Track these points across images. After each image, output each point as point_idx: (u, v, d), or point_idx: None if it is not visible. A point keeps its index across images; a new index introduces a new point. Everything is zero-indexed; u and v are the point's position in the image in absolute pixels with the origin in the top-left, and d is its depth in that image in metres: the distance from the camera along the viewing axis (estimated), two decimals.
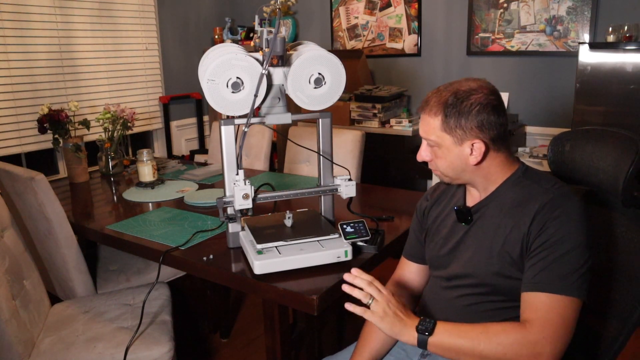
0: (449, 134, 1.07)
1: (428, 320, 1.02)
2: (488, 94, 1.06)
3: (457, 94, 1.06)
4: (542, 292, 0.98)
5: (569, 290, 0.97)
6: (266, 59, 1.30)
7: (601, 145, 1.17)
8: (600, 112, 2.35)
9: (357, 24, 3.59)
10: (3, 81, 2.70)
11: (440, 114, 1.07)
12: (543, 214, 1.02)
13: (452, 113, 1.06)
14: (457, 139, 1.07)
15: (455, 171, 1.12)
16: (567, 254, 0.98)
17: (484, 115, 1.05)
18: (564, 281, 0.97)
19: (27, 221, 1.88)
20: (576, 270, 0.97)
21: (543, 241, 1.00)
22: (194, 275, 1.79)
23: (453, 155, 1.09)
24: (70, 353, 1.50)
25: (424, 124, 1.11)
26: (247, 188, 1.35)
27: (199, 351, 2.29)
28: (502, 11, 2.98)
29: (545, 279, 0.98)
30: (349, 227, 1.38)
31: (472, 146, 1.07)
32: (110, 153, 2.42)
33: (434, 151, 1.13)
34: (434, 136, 1.09)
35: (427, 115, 1.10)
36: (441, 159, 1.12)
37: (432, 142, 1.11)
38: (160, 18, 3.56)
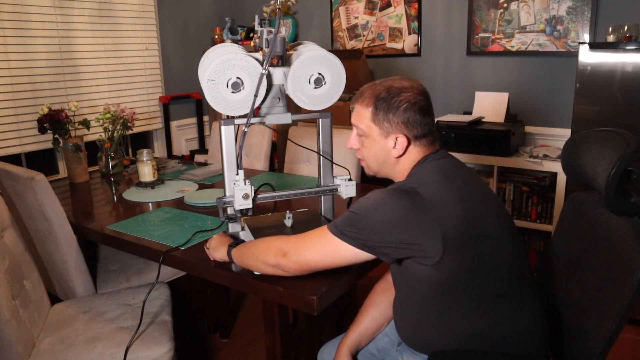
0: (377, 125, 1.16)
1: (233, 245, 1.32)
2: (417, 94, 1.15)
3: (389, 89, 1.15)
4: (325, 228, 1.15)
5: (334, 229, 1.11)
6: (266, 59, 1.30)
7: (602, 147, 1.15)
8: (600, 112, 2.35)
9: (357, 24, 3.59)
10: (3, 81, 2.70)
11: (371, 106, 1.16)
12: None
13: (382, 106, 1.15)
14: (383, 131, 1.16)
15: (378, 162, 1.21)
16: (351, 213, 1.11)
17: (411, 114, 1.14)
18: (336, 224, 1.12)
19: (27, 221, 1.88)
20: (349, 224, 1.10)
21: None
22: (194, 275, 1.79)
23: (378, 146, 1.18)
24: (70, 353, 1.50)
25: (356, 113, 1.20)
26: (247, 188, 1.35)
27: (199, 351, 2.29)
28: (502, 11, 2.98)
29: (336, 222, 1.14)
30: None
31: (396, 140, 1.16)
32: (110, 153, 2.42)
33: (361, 140, 1.22)
34: (364, 125, 1.19)
35: (359, 105, 1.19)
36: (367, 149, 1.21)
37: (361, 131, 1.20)
38: (160, 18, 3.56)
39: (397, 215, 1.06)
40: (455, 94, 3.23)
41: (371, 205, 1.09)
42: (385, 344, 1.38)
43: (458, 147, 2.82)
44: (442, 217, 1.04)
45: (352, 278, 1.33)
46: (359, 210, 1.10)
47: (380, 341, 1.39)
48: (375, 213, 1.07)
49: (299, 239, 1.18)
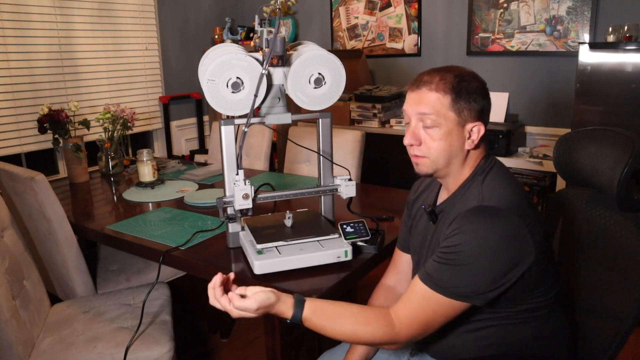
0: (456, 113, 1.03)
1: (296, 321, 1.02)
2: (484, 84, 1.06)
3: (463, 75, 1.03)
4: (424, 284, 1.01)
5: (449, 294, 0.98)
6: (266, 59, 1.30)
7: (602, 146, 1.16)
8: (600, 112, 2.35)
9: (357, 24, 3.59)
10: (3, 81, 2.70)
11: (450, 92, 1.02)
12: (457, 221, 1.01)
13: (463, 92, 1.02)
14: (462, 120, 1.03)
15: (447, 156, 1.06)
16: (462, 265, 0.97)
17: (485, 102, 1.04)
18: (448, 286, 0.98)
19: (27, 221, 1.88)
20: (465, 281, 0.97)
21: (448, 245, 1.00)
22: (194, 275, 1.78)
23: (452, 137, 1.04)
24: (70, 353, 1.50)
25: (426, 101, 1.04)
26: (247, 188, 1.35)
27: (199, 351, 2.29)
28: (502, 11, 2.98)
29: (435, 274, 1.00)
30: (349, 227, 1.38)
31: (471, 130, 1.04)
32: (110, 153, 2.42)
33: (429, 133, 1.05)
34: (439, 115, 1.03)
35: (432, 91, 1.03)
36: (437, 141, 1.05)
37: (432, 121, 1.04)
38: (160, 18, 3.56)
39: (501, 247, 0.96)
40: None
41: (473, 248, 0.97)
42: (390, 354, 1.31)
43: None
44: (533, 230, 0.98)
45: (352, 278, 1.33)
46: (463, 260, 0.97)
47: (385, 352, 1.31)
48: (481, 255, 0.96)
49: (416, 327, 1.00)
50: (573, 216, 1.27)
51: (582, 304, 1.23)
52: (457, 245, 0.98)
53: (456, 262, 0.98)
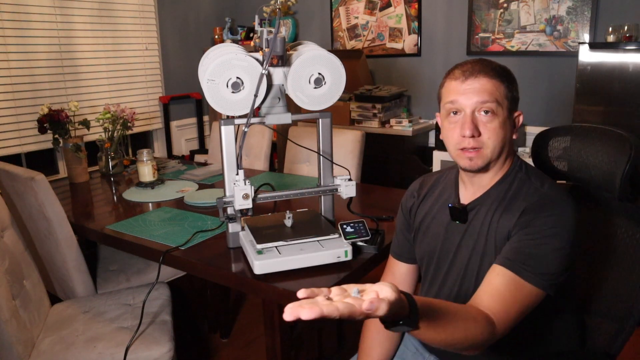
0: (509, 100, 1.04)
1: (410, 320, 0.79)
2: None
3: (501, 66, 1.06)
4: (516, 274, 0.95)
5: (540, 282, 0.95)
6: (266, 59, 1.30)
7: (591, 142, 1.17)
8: (600, 112, 2.35)
9: (357, 24, 3.59)
10: (3, 81, 2.70)
11: (505, 81, 1.03)
12: (530, 212, 0.99)
13: (512, 81, 1.05)
14: (512, 107, 1.05)
15: (502, 146, 1.05)
16: (553, 252, 0.96)
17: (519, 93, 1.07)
18: (539, 273, 0.95)
19: (27, 221, 1.88)
20: (554, 267, 0.95)
21: (533, 231, 0.97)
22: (194, 275, 1.79)
23: (507, 126, 1.04)
24: (70, 353, 1.50)
25: (486, 88, 1.02)
26: (247, 188, 1.35)
27: (199, 351, 2.29)
28: (502, 11, 2.98)
29: (524, 262, 0.95)
30: (349, 227, 1.38)
31: (516, 118, 1.07)
32: (110, 153, 2.42)
33: (486, 122, 1.03)
34: (497, 101, 1.02)
35: (491, 79, 1.02)
36: (495, 130, 1.03)
37: (492, 107, 1.02)
38: (160, 18, 3.56)
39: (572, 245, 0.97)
40: None
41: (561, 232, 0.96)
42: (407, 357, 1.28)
43: None
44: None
45: (352, 278, 1.33)
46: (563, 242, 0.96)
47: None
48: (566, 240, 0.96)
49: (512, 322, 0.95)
50: None
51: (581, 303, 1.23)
52: (554, 228, 0.96)
53: (551, 246, 0.95)
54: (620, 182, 1.08)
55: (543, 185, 1.04)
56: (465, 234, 1.10)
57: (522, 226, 0.99)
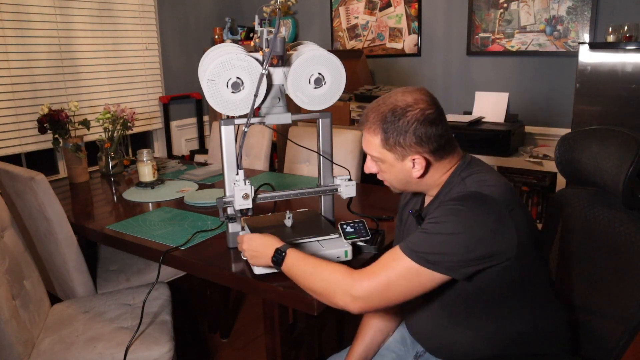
0: (390, 151, 1.10)
1: (279, 252, 1.16)
2: (425, 108, 1.07)
3: (394, 110, 1.07)
4: (397, 246, 1.05)
5: (414, 255, 1.00)
6: (266, 59, 1.30)
7: (605, 146, 1.16)
8: (600, 112, 2.35)
9: (357, 24, 3.59)
10: (3, 81, 2.70)
11: (379, 133, 1.09)
12: (442, 203, 1.06)
13: (390, 130, 1.07)
14: (398, 155, 1.09)
15: (401, 183, 1.15)
16: (435, 234, 1.01)
17: (422, 131, 1.06)
18: (414, 247, 1.01)
19: (27, 221, 1.88)
20: (434, 248, 1.00)
21: (428, 219, 1.06)
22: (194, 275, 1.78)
23: (397, 170, 1.12)
24: (70, 353, 1.50)
25: (365, 141, 1.13)
26: (247, 188, 1.35)
27: (199, 351, 2.29)
28: (502, 11, 2.98)
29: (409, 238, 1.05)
30: (349, 227, 1.38)
31: (413, 161, 1.09)
32: (110, 153, 2.42)
33: (378, 165, 1.15)
34: (376, 153, 1.12)
35: (367, 132, 1.12)
36: (386, 173, 1.15)
37: (375, 158, 1.14)
38: (160, 18, 3.56)
39: (481, 225, 0.99)
40: (455, 94, 3.23)
41: (451, 222, 1.00)
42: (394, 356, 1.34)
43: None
44: (516, 220, 1.00)
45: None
46: (438, 229, 1.01)
47: (387, 357, 1.34)
48: (458, 229, 0.99)
49: (372, 277, 1.03)
50: (574, 216, 1.27)
51: (585, 304, 1.23)
52: (439, 217, 1.02)
53: (433, 230, 1.01)
54: (622, 187, 1.07)
55: (470, 185, 1.06)
56: None
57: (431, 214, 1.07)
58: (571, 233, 1.29)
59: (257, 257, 1.22)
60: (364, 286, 1.03)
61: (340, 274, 1.07)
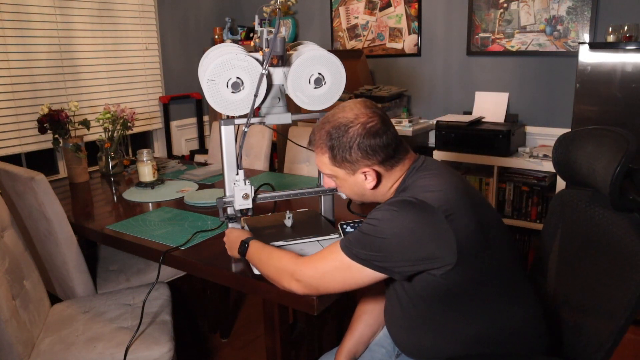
0: (340, 167, 1.14)
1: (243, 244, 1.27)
2: (365, 122, 1.09)
3: (338, 128, 1.11)
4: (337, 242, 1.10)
5: (347, 249, 1.06)
6: (266, 59, 1.30)
7: (599, 145, 1.16)
8: (600, 112, 2.35)
9: (357, 24, 3.59)
10: (3, 81, 2.70)
11: (326, 151, 1.13)
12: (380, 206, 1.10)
13: (336, 148, 1.11)
14: (348, 170, 1.14)
15: (357, 195, 1.20)
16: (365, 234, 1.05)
17: (366, 143, 1.09)
18: (348, 243, 1.07)
19: (27, 221, 1.88)
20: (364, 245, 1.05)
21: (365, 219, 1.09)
22: (194, 275, 1.78)
23: (350, 184, 1.17)
24: (70, 353, 1.50)
25: (317, 160, 1.18)
26: (247, 188, 1.35)
27: (199, 351, 2.29)
28: (502, 11, 2.98)
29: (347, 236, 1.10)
30: (349, 227, 1.38)
31: (364, 174, 1.13)
32: (110, 153, 2.42)
33: (334, 180, 1.20)
34: (328, 170, 1.17)
35: (316, 152, 1.17)
36: (342, 187, 1.20)
37: (327, 175, 1.19)
38: (160, 18, 3.56)
39: (412, 231, 1.01)
40: (455, 94, 3.23)
41: (383, 224, 1.03)
42: (382, 355, 1.36)
43: (458, 147, 2.82)
44: (456, 225, 1.01)
45: None
46: (371, 231, 1.04)
47: (376, 353, 1.36)
48: (389, 232, 1.02)
49: (312, 265, 1.12)
50: (573, 216, 1.27)
51: (578, 304, 1.23)
52: (373, 219, 1.06)
53: (366, 231, 1.05)
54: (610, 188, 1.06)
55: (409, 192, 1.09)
56: None
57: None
58: (570, 234, 1.29)
59: (231, 248, 1.34)
60: (304, 272, 1.12)
61: (287, 259, 1.16)
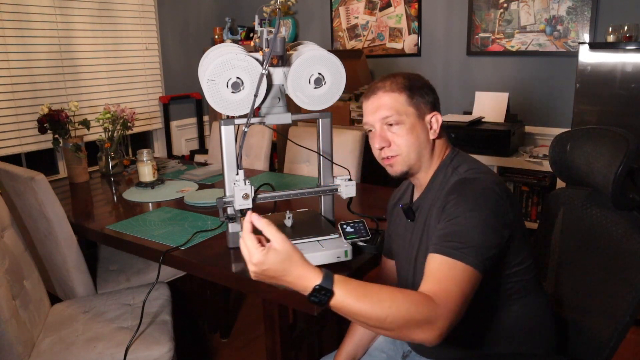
0: (414, 107, 1.13)
1: (323, 293, 0.84)
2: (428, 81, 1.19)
3: (409, 77, 1.16)
4: (443, 256, 0.97)
5: (469, 259, 0.95)
6: (266, 59, 1.30)
7: (598, 145, 1.16)
8: (600, 112, 2.35)
9: (357, 24, 3.59)
10: (3, 81, 2.70)
11: (404, 90, 1.14)
12: (445, 197, 1.07)
13: (415, 88, 1.14)
14: (421, 112, 1.14)
15: (417, 150, 1.14)
16: (474, 228, 0.98)
17: (435, 96, 1.18)
18: (466, 251, 0.96)
19: (27, 221, 1.88)
20: (479, 244, 0.97)
21: (451, 212, 1.03)
22: (194, 275, 1.78)
23: (417, 130, 1.14)
24: (70, 353, 1.50)
25: (384, 103, 1.13)
26: (247, 188, 1.35)
27: (199, 351, 2.29)
28: (502, 11, 2.98)
29: (450, 244, 0.97)
30: (349, 227, 1.38)
31: (431, 120, 1.15)
32: (110, 153, 2.42)
33: (394, 131, 1.14)
34: (400, 112, 1.12)
35: (387, 93, 1.14)
36: (404, 137, 1.13)
37: (394, 119, 1.13)
38: (160, 18, 3.56)
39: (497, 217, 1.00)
40: (455, 94, 3.23)
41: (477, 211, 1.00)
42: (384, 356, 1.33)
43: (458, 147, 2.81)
44: (513, 209, 1.05)
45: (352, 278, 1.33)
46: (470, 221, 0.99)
47: (377, 357, 1.34)
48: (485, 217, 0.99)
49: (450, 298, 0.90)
50: (571, 215, 1.27)
51: (579, 303, 1.23)
52: (465, 204, 1.01)
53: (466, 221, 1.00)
54: (611, 187, 1.07)
55: (466, 171, 1.11)
56: (414, 232, 1.20)
57: (440, 212, 1.06)
58: (566, 233, 1.29)
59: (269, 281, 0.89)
60: (448, 311, 0.89)
61: (408, 303, 0.86)
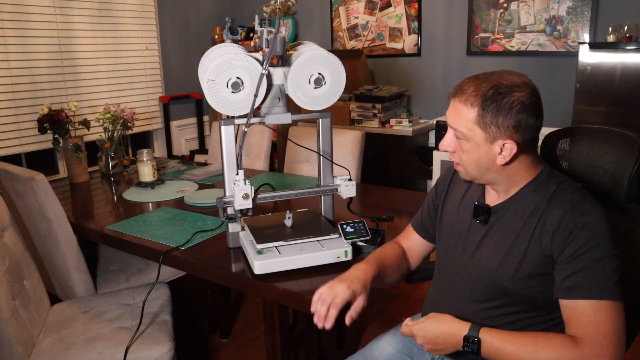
0: (483, 129, 1.00)
1: (471, 341, 1.01)
2: (531, 94, 0.99)
3: (498, 87, 0.98)
4: (582, 300, 0.95)
5: (611, 294, 0.94)
6: (266, 59, 1.30)
7: (599, 144, 1.19)
8: (600, 112, 2.35)
9: (357, 24, 3.60)
10: (3, 81, 2.70)
11: (477, 106, 0.99)
12: (567, 220, 0.98)
13: (490, 108, 0.98)
14: (489, 136, 1.00)
15: (479, 169, 1.05)
16: (602, 260, 0.95)
17: (523, 116, 0.98)
18: (604, 286, 0.94)
19: (27, 221, 1.88)
20: (612, 275, 0.95)
21: (575, 249, 0.97)
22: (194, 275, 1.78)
23: (481, 152, 1.02)
24: (70, 353, 1.50)
25: (456, 113, 1.03)
26: (247, 188, 1.35)
27: (199, 351, 2.29)
28: (502, 11, 2.98)
29: (585, 285, 0.95)
30: (349, 227, 1.38)
31: (502, 146, 1.00)
32: (110, 153, 2.42)
33: (460, 143, 1.05)
34: (465, 129, 1.02)
35: (461, 104, 1.02)
36: (467, 153, 1.04)
37: (460, 134, 1.03)
38: (160, 18, 3.56)
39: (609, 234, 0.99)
40: None
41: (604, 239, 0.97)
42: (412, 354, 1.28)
43: None
44: None
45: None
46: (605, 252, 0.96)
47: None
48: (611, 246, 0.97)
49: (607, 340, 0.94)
50: None
51: None
52: (594, 239, 0.96)
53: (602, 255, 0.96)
54: (627, 182, 1.10)
55: (574, 191, 1.02)
56: (486, 235, 1.11)
57: (562, 246, 0.98)
58: None
59: (441, 350, 1.08)
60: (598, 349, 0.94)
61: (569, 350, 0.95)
